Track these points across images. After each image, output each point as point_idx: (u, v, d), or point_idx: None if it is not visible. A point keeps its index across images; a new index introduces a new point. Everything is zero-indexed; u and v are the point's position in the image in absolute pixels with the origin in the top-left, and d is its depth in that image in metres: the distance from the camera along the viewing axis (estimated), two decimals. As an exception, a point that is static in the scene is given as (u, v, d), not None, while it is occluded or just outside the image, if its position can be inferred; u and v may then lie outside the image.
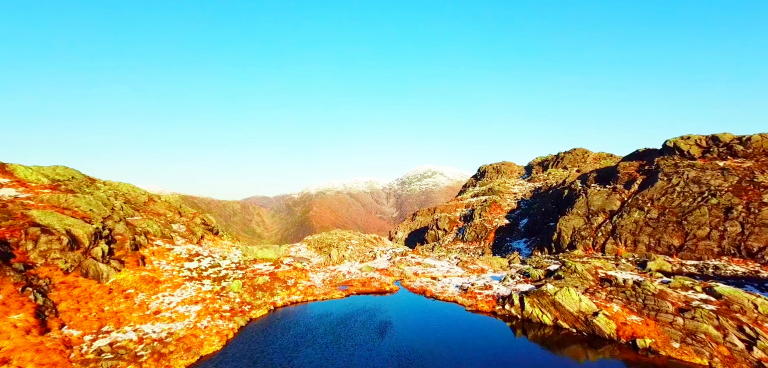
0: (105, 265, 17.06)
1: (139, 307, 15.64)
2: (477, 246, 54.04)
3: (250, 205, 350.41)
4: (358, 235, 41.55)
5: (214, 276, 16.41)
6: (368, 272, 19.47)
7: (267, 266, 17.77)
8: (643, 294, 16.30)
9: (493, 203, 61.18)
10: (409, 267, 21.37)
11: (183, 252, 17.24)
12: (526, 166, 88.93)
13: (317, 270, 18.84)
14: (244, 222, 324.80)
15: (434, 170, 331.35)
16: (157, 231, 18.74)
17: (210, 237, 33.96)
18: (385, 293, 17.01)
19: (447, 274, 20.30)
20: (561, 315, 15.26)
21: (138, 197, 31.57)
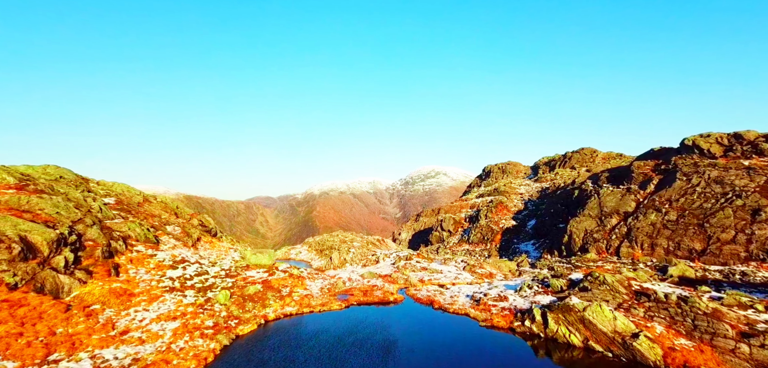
0: (67, 277, 15.08)
1: (103, 327, 13.45)
2: (483, 248, 52.34)
3: (253, 205, 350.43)
4: (361, 237, 40.07)
5: (200, 285, 14.54)
6: (370, 279, 18.00)
7: (260, 273, 16.26)
8: (691, 312, 14.19)
9: (499, 204, 59.41)
10: (414, 274, 19.85)
11: (167, 259, 15.57)
12: (532, 166, 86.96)
13: (315, 276, 17.37)
14: (248, 223, 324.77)
15: (438, 170, 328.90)
16: (140, 234, 17.19)
17: (207, 240, 32.64)
18: (388, 304, 15.30)
19: (455, 281, 18.76)
20: (592, 336, 13.36)
21: (132, 198, 30.31)
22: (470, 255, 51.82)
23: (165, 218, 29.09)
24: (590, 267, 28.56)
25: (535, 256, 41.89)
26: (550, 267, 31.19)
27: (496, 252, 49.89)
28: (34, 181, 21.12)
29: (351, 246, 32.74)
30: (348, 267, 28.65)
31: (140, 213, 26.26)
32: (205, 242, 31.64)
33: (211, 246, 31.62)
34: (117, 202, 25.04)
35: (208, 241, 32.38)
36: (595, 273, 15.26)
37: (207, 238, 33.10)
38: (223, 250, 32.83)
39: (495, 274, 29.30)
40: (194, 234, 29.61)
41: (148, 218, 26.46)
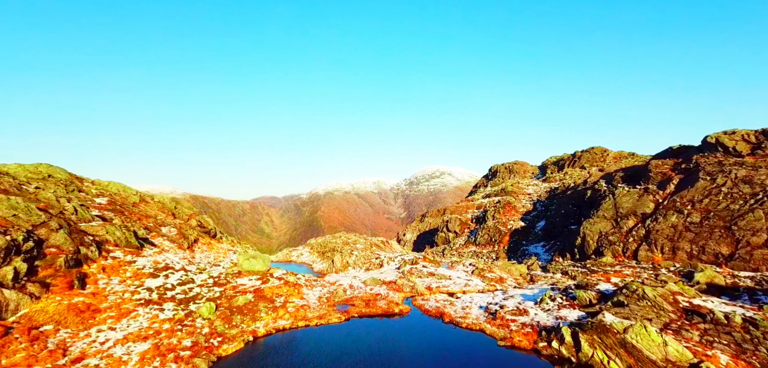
0: (14, 292, 12.69)
1: (50, 354, 10.81)
2: (490, 250, 50.60)
3: (259, 205, 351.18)
4: (364, 239, 38.59)
5: (182, 296, 12.86)
6: (373, 286, 16.50)
7: (253, 281, 14.74)
8: (766, 340, 11.89)
9: (507, 204, 57.56)
10: (420, 280, 18.32)
11: (147, 266, 13.99)
12: (540, 166, 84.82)
13: (313, 284, 15.90)
14: (253, 222, 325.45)
15: (443, 170, 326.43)
16: (120, 238, 15.59)
17: (205, 241, 31.42)
18: (393, 316, 13.44)
19: (466, 289, 17.20)
20: (637, 364, 11.11)
21: (128, 198, 29.18)
22: (477, 257, 50.12)
23: (161, 219, 27.91)
24: (607, 272, 26.77)
25: (545, 259, 40.09)
26: (563, 271, 29.44)
27: (505, 254, 48.13)
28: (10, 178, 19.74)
29: (354, 249, 31.25)
30: (350, 272, 27.19)
31: (134, 214, 25.09)
32: (203, 244, 30.40)
33: (209, 248, 30.38)
34: (109, 203, 23.89)
35: (206, 243, 31.16)
36: (632, 286, 13.19)
37: (205, 240, 31.88)
38: (221, 252, 31.58)
39: (506, 279, 27.63)
40: (191, 235, 28.40)
41: (142, 219, 25.27)
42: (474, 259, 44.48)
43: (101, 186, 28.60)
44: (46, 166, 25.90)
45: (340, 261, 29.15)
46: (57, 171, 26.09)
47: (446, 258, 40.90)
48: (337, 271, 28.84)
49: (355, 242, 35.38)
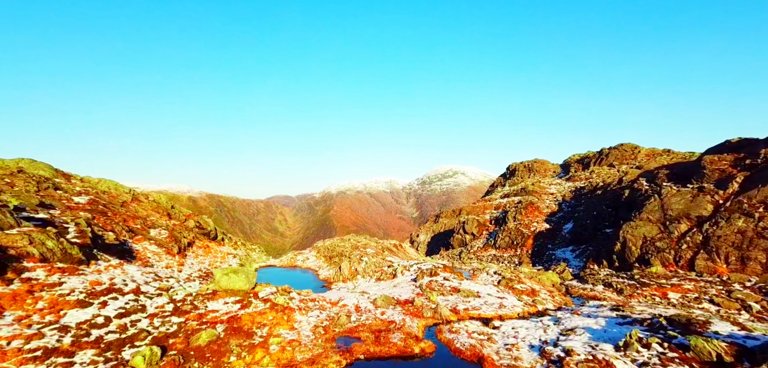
0: None
1: None
2: (512, 254, 46.32)
3: (273, 204, 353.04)
4: (375, 242, 35.04)
5: (116, 336, 8.40)
6: (386, 307, 12.96)
7: (229, 304, 11.26)
8: None
9: (530, 205, 53.01)
10: (443, 299, 14.67)
11: (78, 289, 10.02)
12: (562, 164, 79.49)
13: (309, 306, 12.37)
14: (267, 221, 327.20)
15: (456, 170, 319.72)
16: (50, 250, 11.82)
17: (202, 244, 28.54)
18: (413, 358, 9.34)
19: (502, 311, 13.42)
20: None
21: (119, 196, 26.57)
22: (498, 261, 45.96)
23: (152, 220, 25.13)
24: (663, 285, 22.40)
25: (576, 265, 35.68)
26: (606, 283, 25.16)
27: (528, 258, 43.80)
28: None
29: (364, 254, 27.71)
30: (359, 281, 23.67)
31: (119, 215, 22.33)
32: (199, 248, 27.51)
33: (206, 253, 27.46)
34: (90, 202, 21.19)
35: (203, 246, 28.27)
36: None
37: (202, 243, 29.01)
38: (219, 257, 28.61)
39: (538, 291, 23.56)
40: (185, 238, 25.53)
41: (128, 220, 22.48)
42: (496, 265, 40.34)
43: (90, 184, 26.09)
44: (27, 162, 23.53)
45: (347, 269, 25.69)
46: (40, 167, 23.68)
47: (465, 263, 36.94)
48: (344, 280, 25.39)
49: (365, 246, 31.83)
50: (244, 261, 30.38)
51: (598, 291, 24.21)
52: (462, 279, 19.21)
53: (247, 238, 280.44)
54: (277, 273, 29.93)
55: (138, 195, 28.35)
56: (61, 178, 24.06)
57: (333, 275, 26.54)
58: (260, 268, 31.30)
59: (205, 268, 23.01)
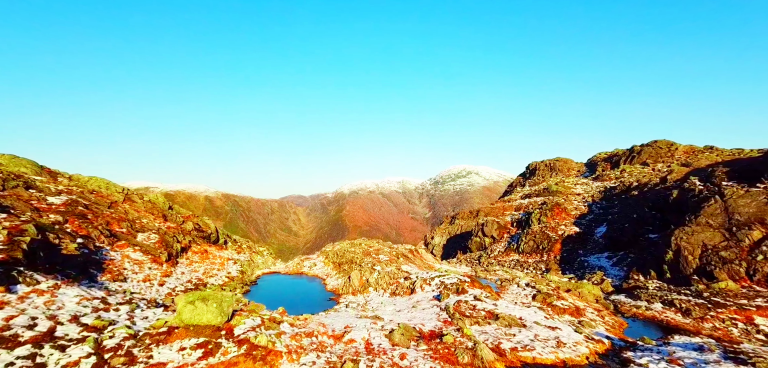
0: None
1: None
2: (538, 260, 42.11)
3: (287, 204, 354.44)
4: (388, 247, 31.63)
5: None
6: (406, 345, 9.67)
7: (188, 350, 7.74)
8: None
9: (555, 206, 48.55)
10: (479, 329, 11.16)
11: None
12: (587, 163, 74.20)
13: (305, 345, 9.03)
14: (281, 221, 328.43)
15: (469, 170, 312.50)
16: None
17: (200, 248, 25.80)
18: None
19: (563, 353, 9.88)
20: None
21: (110, 196, 24.09)
22: (522, 267, 41.87)
23: (143, 223, 22.50)
24: (745, 307, 18.14)
25: (615, 275, 31.36)
26: (666, 300, 20.98)
27: (556, 265, 39.53)
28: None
29: (376, 261, 24.33)
30: (371, 295, 20.34)
31: (102, 217, 19.70)
32: (195, 253, 24.75)
33: (202, 259, 24.69)
34: (68, 203, 18.61)
35: (200, 251, 25.51)
36: None
37: (200, 247, 26.28)
38: (218, 263, 25.79)
39: (582, 309, 19.70)
40: (178, 243, 22.78)
41: (113, 223, 19.84)
42: (521, 272, 36.36)
43: (79, 183, 23.70)
44: (8, 157, 21.30)
45: (358, 280, 22.40)
46: (22, 163, 21.42)
47: (489, 272, 33.10)
48: (354, 292, 22.12)
49: (378, 251, 28.43)
50: (245, 268, 27.55)
51: (657, 311, 20.13)
52: (496, 297, 15.60)
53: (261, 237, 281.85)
54: (280, 281, 26.95)
55: (131, 196, 25.87)
56: (46, 176, 21.77)
57: (342, 285, 23.32)
58: (264, 275, 28.41)
59: (196, 279, 20.15)
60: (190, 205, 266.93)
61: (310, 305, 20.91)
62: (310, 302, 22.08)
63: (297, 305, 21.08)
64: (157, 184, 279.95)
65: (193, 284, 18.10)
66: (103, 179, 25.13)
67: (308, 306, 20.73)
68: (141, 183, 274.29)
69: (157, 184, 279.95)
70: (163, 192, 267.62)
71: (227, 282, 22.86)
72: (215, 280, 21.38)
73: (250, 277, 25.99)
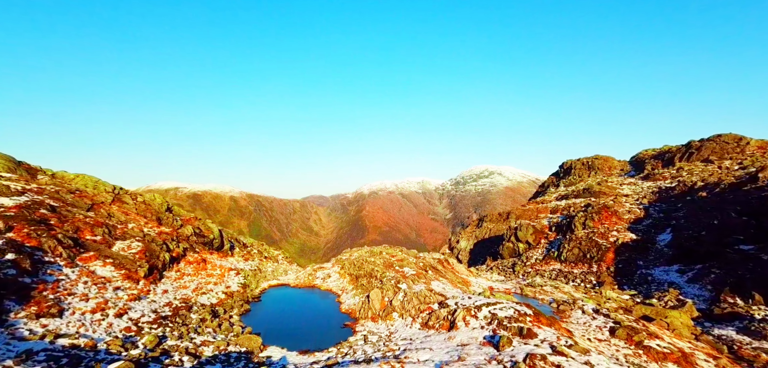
0: None
1: None
2: (585, 271, 35.97)
3: (308, 204, 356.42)
4: (414, 256, 26.86)
5: None
6: None
7: None
8: None
9: (603, 209, 42.02)
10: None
11: None
12: (631, 161, 66.23)
13: None
14: (302, 220, 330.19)
15: (492, 170, 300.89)
16: None
17: (197, 257, 22.11)
18: None
19: None
20: None
21: (97, 195, 20.85)
22: (565, 278, 35.92)
23: (129, 227, 18.99)
24: None
25: (695, 295, 25.08)
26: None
27: (610, 277, 33.32)
28: None
29: (401, 276, 19.63)
30: (396, 324, 15.73)
31: (74, 222, 16.26)
32: (191, 262, 21.02)
33: (197, 270, 20.90)
34: (24, 206, 15.27)
35: (197, 260, 21.77)
36: None
37: (199, 255, 22.58)
38: (217, 274, 21.95)
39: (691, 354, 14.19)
40: (166, 253, 19.09)
41: (85, 230, 16.36)
42: (571, 288, 30.57)
43: (63, 180, 20.62)
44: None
45: (378, 300, 17.83)
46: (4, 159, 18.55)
47: (535, 287, 27.54)
48: (374, 317, 17.57)
49: (402, 262, 23.73)
50: (249, 280, 23.63)
51: (796, 359, 14.23)
52: (584, 351, 10.54)
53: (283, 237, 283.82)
54: (288, 297, 22.82)
55: (122, 196, 22.59)
56: (21, 172, 18.80)
57: (359, 306, 18.81)
58: (271, 288, 24.40)
59: (181, 298, 16.24)
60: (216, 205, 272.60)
61: (319, 332, 16.55)
62: (320, 328, 17.73)
63: (303, 332, 16.72)
64: (186, 184, 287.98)
65: (172, 308, 14.18)
66: (92, 177, 21.97)
67: (317, 334, 16.37)
68: (171, 183, 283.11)
69: (186, 184, 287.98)
70: (191, 192, 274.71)
71: (224, 299, 18.92)
72: (207, 298, 17.47)
73: (253, 292, 21.99)
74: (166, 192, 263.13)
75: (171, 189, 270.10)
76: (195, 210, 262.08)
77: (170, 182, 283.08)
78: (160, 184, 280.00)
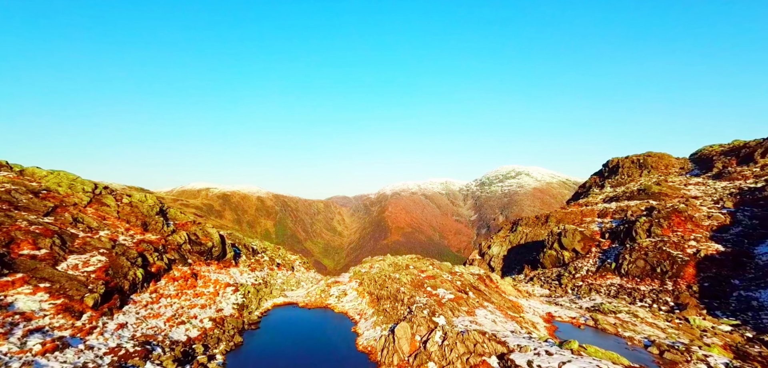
0: None
1: None
2: (656, 289, 28.97)
3: (332, 204, 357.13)
4: (449, 272, 21.53)
5: None
6: None
7: None
8: None
9: (674, 213, 34.56)
10: None
11: None
12: (694, 158, 56.96)
13: None
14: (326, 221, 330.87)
15: (519, 170, 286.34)
16: None
17: (184, 272, 18.05)
18: None
19: None
20: None
21: (69, 196, 17.34)
22: (629, 295, 29.17)
23: (99, 236, 15.20)
24: None
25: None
26: None
27: (694, 299, 26.30)
28: None
29: (435, 305, 14.36)
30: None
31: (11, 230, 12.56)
32: (176, 279, 16.94)
33: (182, 288, 16.74)
34: None
35: (184, 276, 17.67)
36: None
37: (189, 268, 18.50)
38: (208, 293, 17.70)
39: None
40: (137, 270, 15.10)
41: (24, 240, 12.60)
42: (648, 315, 24.03)
43: (32, 177, 17.31)
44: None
45: (407, 341, 12.83)
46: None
47: (607, 313, 21.30)
48: (400, 362, 12.55)
49: (435, 280, 18.48)
50: (250, 298, 19.30)
51: None
52: None
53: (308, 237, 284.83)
54: (294, 321, 18.23)
55: (104, 197, 19.01)
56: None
57: (381, 343, 13.80)
58: (275, 308, 19.93)
59: (143, 335, 11.95)
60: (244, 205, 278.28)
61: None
62: (331, 363, 13.05)
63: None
64: (216, 184, 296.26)
65: (117, 358, 9.87)
66: (70, 175, 18.54)
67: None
68: (203, 184, 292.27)
69: (216, 184, 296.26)
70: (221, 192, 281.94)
71: (210, 328, 14.56)
72: (185, 331, 13.15)
73: (251, 315, 17.57)
74: (198, 193, 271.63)
75: (203, 189, 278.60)
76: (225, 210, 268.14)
77: (202, 183, 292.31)
78: (193, 184, 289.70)
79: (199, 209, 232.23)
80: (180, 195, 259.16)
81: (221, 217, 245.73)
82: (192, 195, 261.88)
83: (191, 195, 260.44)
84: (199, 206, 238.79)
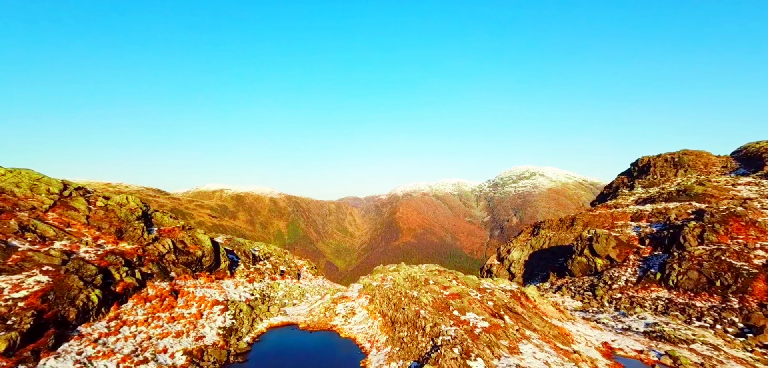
0: None
1: None
2: (717, 305, 24.37)
3: (343, 205, 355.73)
4: (476, 288, 17.84)
5: None
6: None
7: None
8: None
9: (732, 217, 29.78)
10: None
11: None
12: (738, 156, 51.26)
13: None
14: (338, 221, 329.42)
15: (533, 170, 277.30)
16: None
17: (161, 290, 15.00)
18: None
19: None
20: None
21: (26, 199, 14.55)
22: (682, 312, 24.70)
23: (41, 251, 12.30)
24: None
25: None
26: None
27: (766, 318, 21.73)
28: None
29: (467, 338, 10.53)
30: None
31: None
32: (149, 298, 13.85)
33: (154, 310, 13.62)
34: None
35: (160, 294, 14.59)
36: None
37: (164, 286, 15.42)
38: (189, 316, 14.55)
39: None
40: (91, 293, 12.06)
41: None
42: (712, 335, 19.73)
43: None
44: None
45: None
46: None
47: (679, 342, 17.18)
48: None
49: (461, 298, 14.87)
50: (242, 318, 16.10)
51: None
52: None
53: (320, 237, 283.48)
54: (289, 350, 14.88)
55: (73, 199, 16.21)
56: None
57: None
58: (271, 329, 16.64)
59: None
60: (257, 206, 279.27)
61: None
62: None
63: None
64: (230, 186, 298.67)
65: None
66: (33, 173, 15.83)
67: None
68: (218, 185, 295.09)
69: (230, 186, 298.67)
70: (235, 193, 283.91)
71: (184, 365, 11.39)
72: (141, 373, 10.03)
73: (240, 342, 14.29)
74: (213, 194, 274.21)
75: (217, 191, 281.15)
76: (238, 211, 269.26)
77: (217, 184, 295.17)
78: (208, 186, 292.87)
79: (213, 210, 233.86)
80: (195, 196, 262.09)
81: (235, 218, 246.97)
82: (207, 197, 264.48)
83: (206, 197, 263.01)
84: (214, 207, 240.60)
